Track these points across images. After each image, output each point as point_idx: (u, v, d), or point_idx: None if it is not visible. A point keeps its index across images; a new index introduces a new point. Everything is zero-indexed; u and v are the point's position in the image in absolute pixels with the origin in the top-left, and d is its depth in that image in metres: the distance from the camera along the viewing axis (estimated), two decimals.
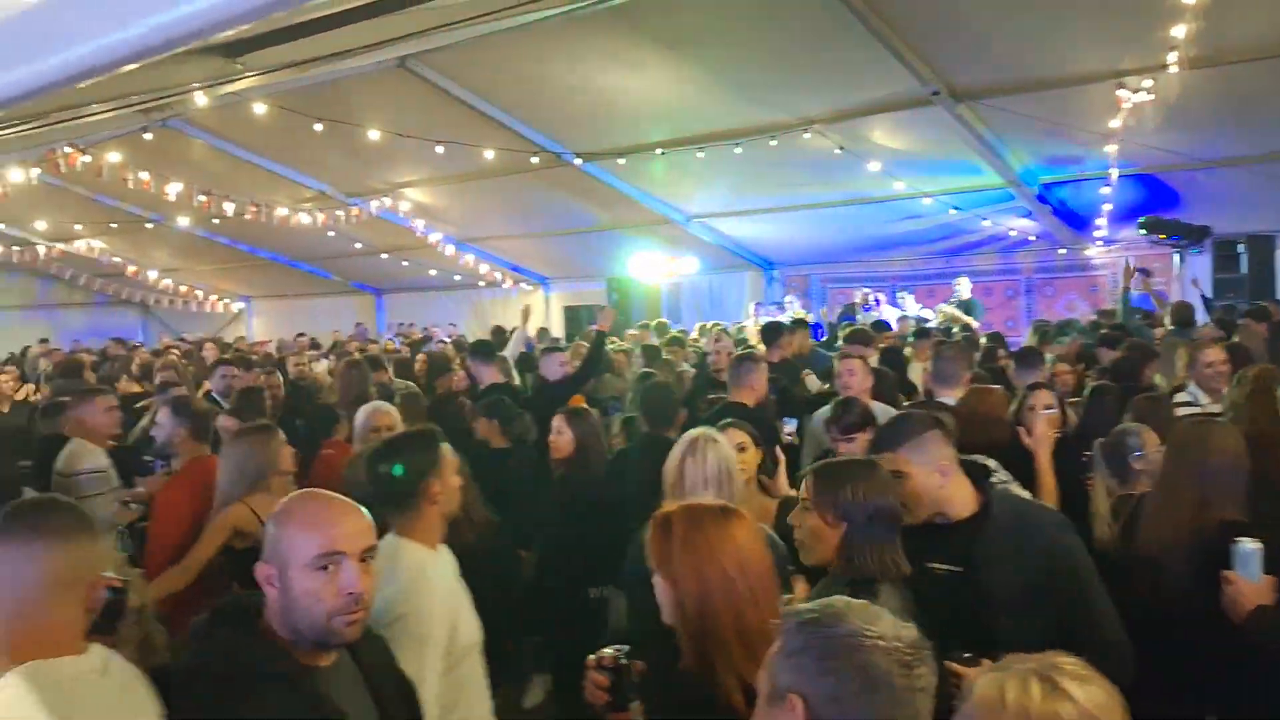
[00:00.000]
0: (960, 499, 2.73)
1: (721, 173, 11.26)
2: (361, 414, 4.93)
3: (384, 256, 16.69)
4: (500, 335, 12.26)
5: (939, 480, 2.70)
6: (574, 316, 16.24)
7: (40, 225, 15.79)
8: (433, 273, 17.19)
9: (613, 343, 9.44)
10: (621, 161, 11.28)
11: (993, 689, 1.26)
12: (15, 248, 16.44)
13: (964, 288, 12.23)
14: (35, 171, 10.64)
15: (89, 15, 1.52)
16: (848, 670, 1.42)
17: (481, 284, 17.20)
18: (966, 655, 2.18)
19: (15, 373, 10.04)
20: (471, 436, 5.51)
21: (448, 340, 13.63)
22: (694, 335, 11.41)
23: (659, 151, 10.73)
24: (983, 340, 8.80)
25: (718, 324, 11.75)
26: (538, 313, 16.94)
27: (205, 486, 3.87)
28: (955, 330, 10.52)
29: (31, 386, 9.78)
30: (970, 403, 4.55)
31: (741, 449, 3.59)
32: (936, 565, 2.62)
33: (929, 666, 1.46)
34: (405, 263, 16.87)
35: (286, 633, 1.95)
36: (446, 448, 2.85)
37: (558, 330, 15.62)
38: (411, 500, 2.73)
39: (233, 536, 3.65)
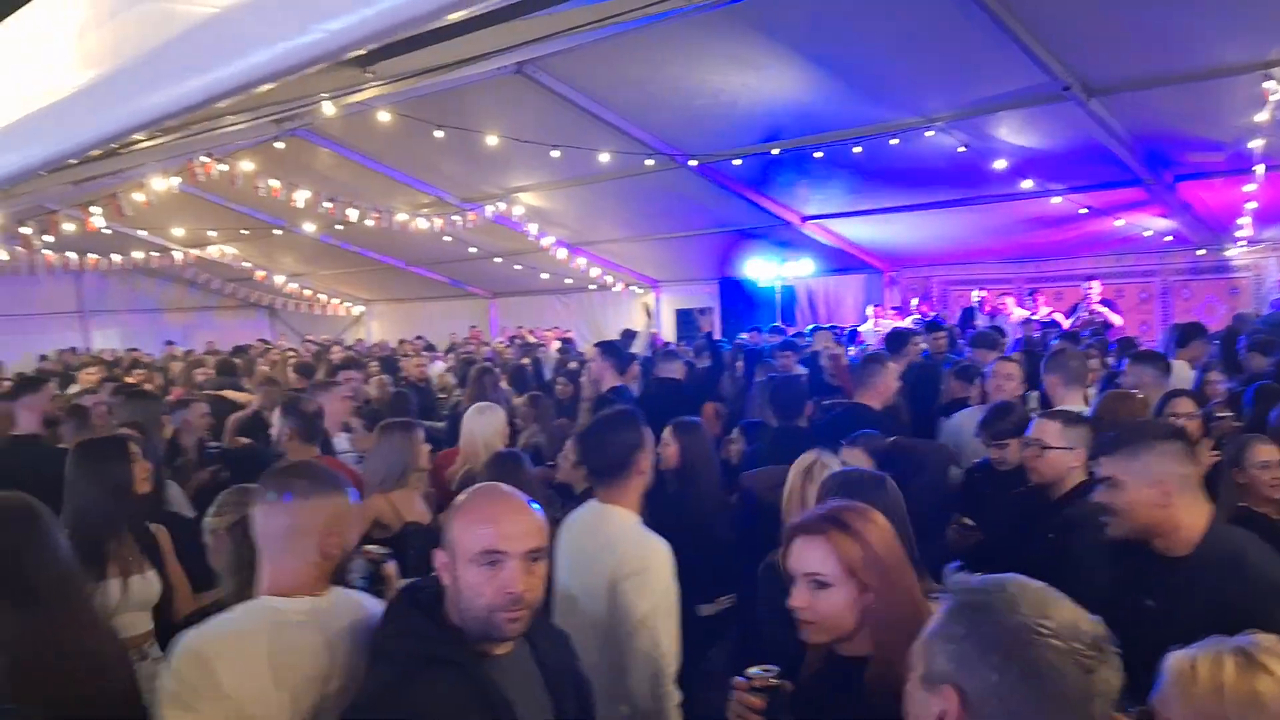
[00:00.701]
0: (1184, 526, 2.55)
1: (839, 173, 11.12)
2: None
3: (497, 261, 17.06)
4: (630, 338, 12.41)
5: (1155, 499, 2.54)
6: (686, 319, 16.30)
7: (178, 232, 16.70)
8: (545, 276, 17.49)
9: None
10: (737, 163, 11.26)
11: (1185, 664, 1.20)
12: (154, 253, 17.44)
13: (1095, 291, 11.78)
14: (175, 180, 11.27)
15: (268, 22, 1.61)
16: (1015, 666, 1.30)
17: (593, 287, 17.42)
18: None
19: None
20: None
21: (564, 344, 13.86)
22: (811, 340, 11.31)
23: (775, 152, 10.67)
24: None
25: (829, 329, 11.63)
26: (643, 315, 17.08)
27: None
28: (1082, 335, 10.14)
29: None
30: (1108, 409, 4.38)
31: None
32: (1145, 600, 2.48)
33: (1111, 668, 1.32)
34: (518, 266, 17.21)
35: (458, 620, 2.03)
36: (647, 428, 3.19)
37: (669, 333, 15.69)
38: (623, 472, 3.08)
39: (372, 527, 3.80)
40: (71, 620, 2.56)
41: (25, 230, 12.29)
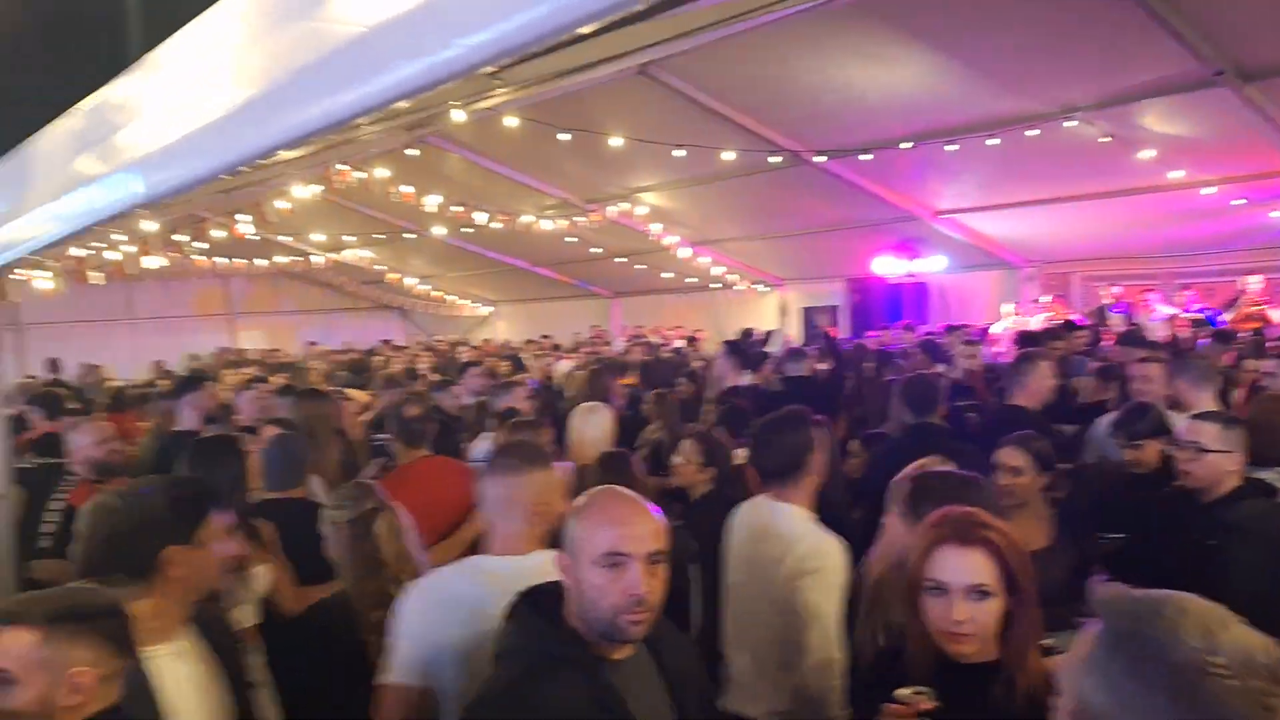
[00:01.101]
0: None
1: (973, 166, 10.79)
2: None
3: (619, 260, 17.22)
4: (748, 337, 12.38)
5: None
6: (812, 318, 16.11)
7: (317, 237, 17.51)
8: (666, 275, 17.57)
9: None
10: (865, 158, 11.07)
11: None
12: (295, 258, 18.34)
13: (1254, 286, 11.10)
14: (316, 188, 11.84)
15: (412, 39, 1.69)
16: (1184, 707, 1.15)
17: (715, 286, 17.40)
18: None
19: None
20: None
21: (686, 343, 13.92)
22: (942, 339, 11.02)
23: (905, 146, 10.44)
24: None
25: (960, 328, 11.30)
26: (771, 315, 16.97)
27: (404, 486, 3.99)
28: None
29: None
30: (1263, 411, 4.16)
31: (1016, 472, 3.48)
32: None
33: None
34: (640, 266, 17.33)
35: (579, 622, 2.05)
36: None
37: (795, 332, 15.53)
38: (797, 471, 3.20)
39: None
40: None
41: (179, 238, 13.12)
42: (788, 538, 3.14)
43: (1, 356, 4.61)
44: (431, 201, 12.86)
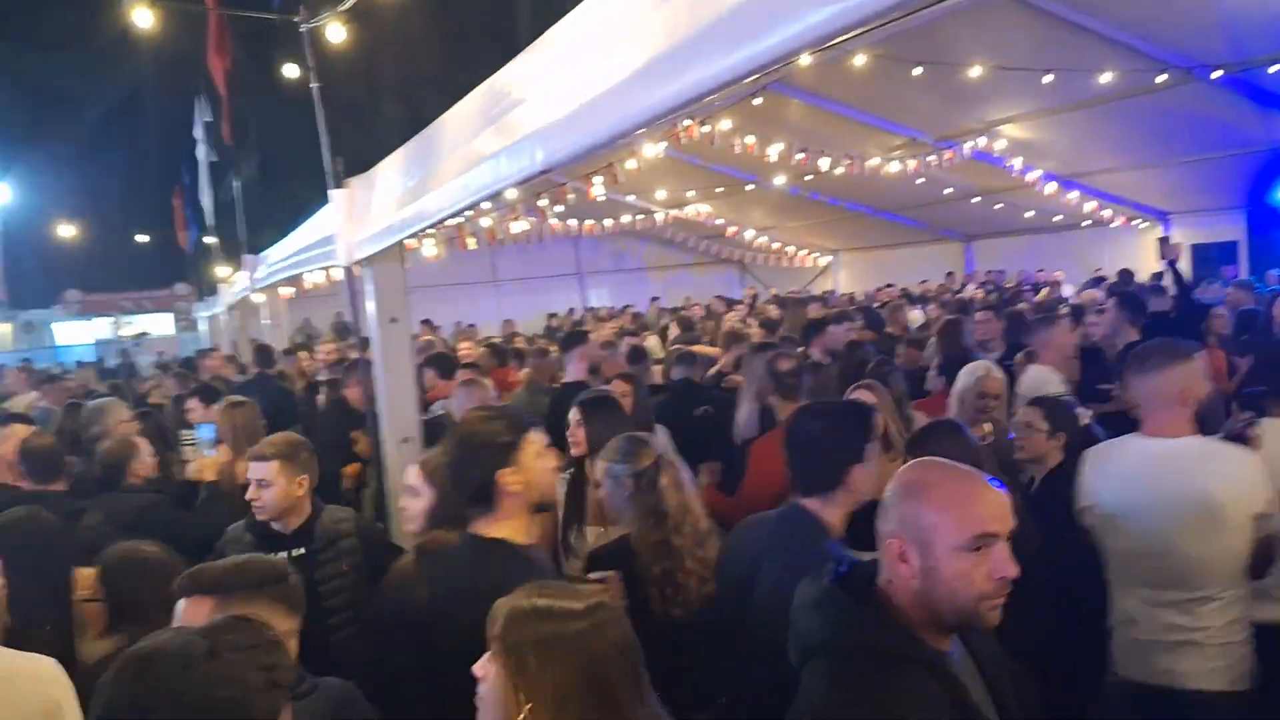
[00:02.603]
0: None
1: None
2: (967, 375, 4.92)
3: (974, 200, 16.40)
4: (1128, 279, 11.45)
5: None
6: (1204, 256, 14.46)
7: (659, 195, 18.26)
8: (1028, 214, 16.53)
9: None
10: (1275, 69, 9.65)
11: None
12: (639, 216, 19.26)
13: None
14: (662, 145, 12.32)
15: None
16: None
17: (1085, 224, 16.08)
18: None
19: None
20: None
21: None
22: None
23: None
24: None
25: None
26: (1152, 254, 15.39)
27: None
28: None
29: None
30: None
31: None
32: None
33: None
34: (998, 205, 16.41)
35: (915, 611, 1.92)
36: None
37: (1185, 271, 13.96)
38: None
39: None
40: None
41: (541, 203, 14.25)
42: (1237, 477, 3.16)
43: (409, 317, 5.24)
44: (773, 151, 12.94)
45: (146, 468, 4.97)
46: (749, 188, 17.00)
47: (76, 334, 28.57)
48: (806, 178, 15.26)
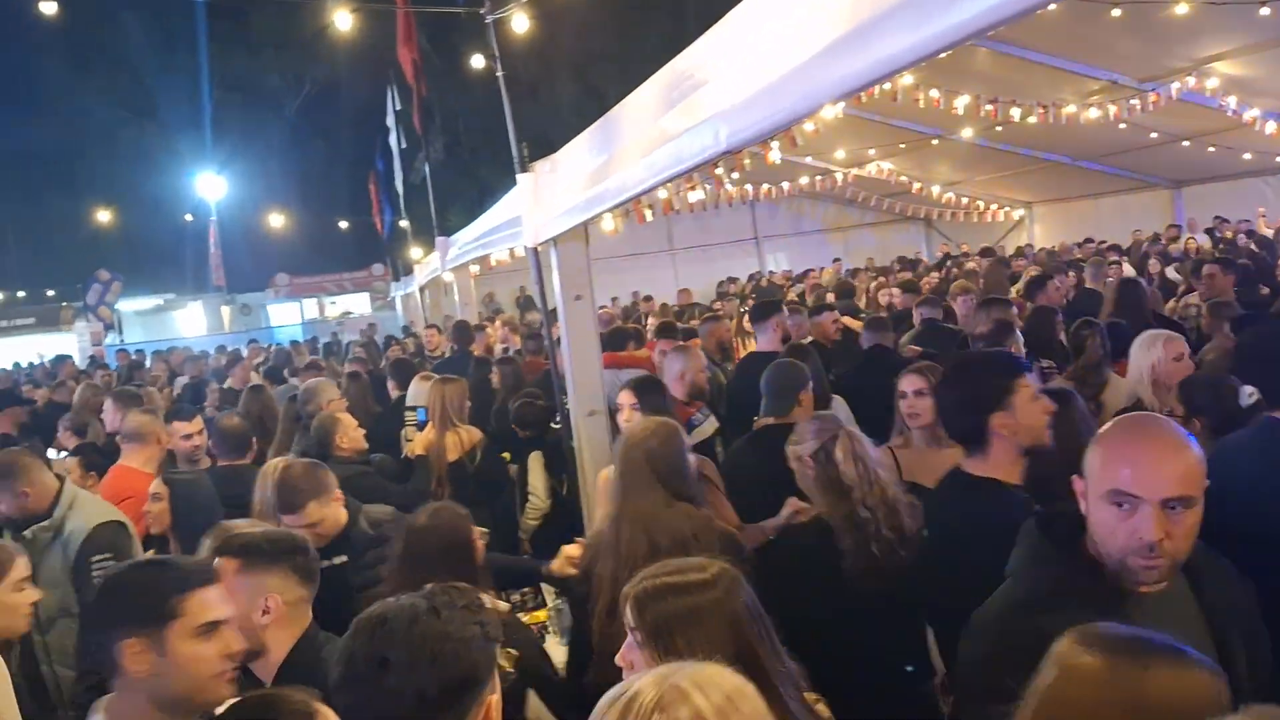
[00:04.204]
0: None
1: None
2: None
3: (1184, 144, 15.29)
4: None
5: None
6: None
7: (839, 154, 17.92)
8: (1246, 156, 15.27)
9: None
10: None
11: None
12: (818, 177, 18.97)
13: None
14: (841, 105, 12.07)
15: None
16: None
17: None
18: None
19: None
20: None
21: None
22: None
23: None
24: None
25: None
26: None
27: None
28: None
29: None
30: None
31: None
32: None
33: None
34: (1211, 149, 15.24)
35: (1091, 548, 2.00)
36: None
37: None
38: None
39: None
40: None
41: (718, 170, 14.27)
42: None
43: (593, 294, 5.42)
44: (959, 103, 12.46)
45: (353, 441, 5.33)
46: (934, 142, 16.44)
47: (287, 315, 30.76)
48: (996, 129, 14.62)
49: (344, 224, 32.64)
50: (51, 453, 6.78)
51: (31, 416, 9.39)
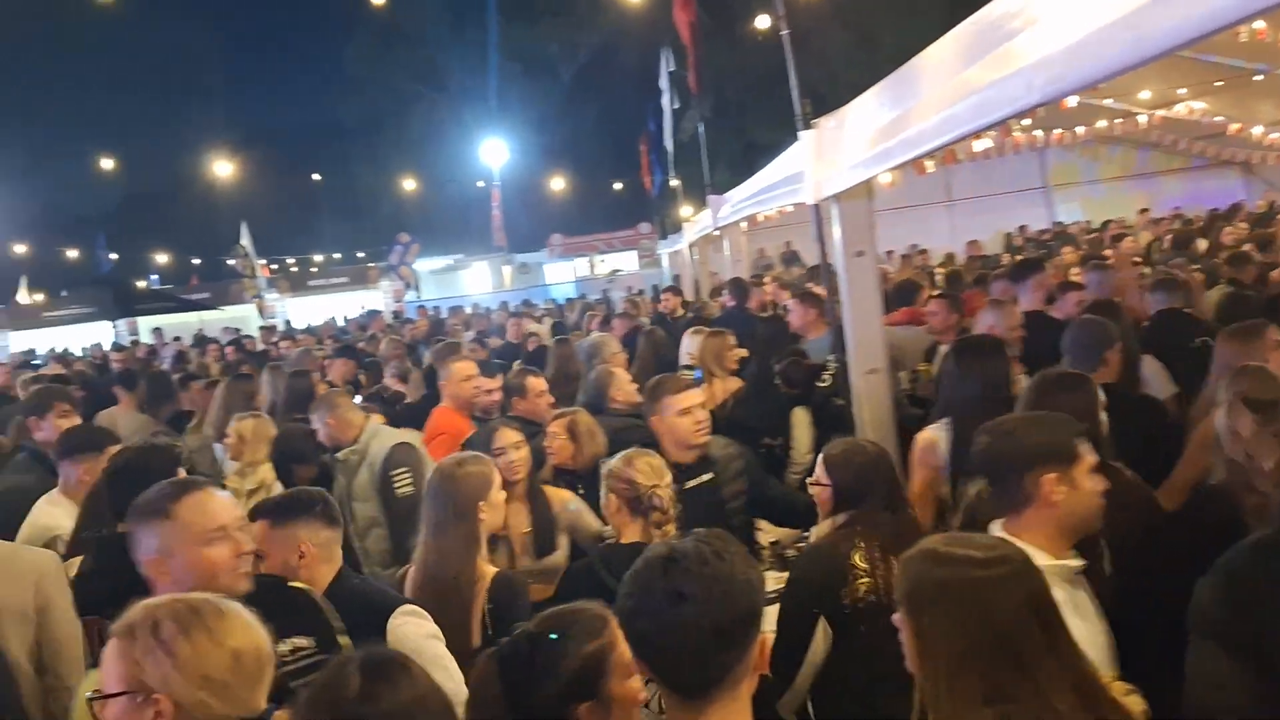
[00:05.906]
0: None
1: None
2: None
3: None
4: None
5: None
6: None
7: (1143, 95, 16.44)
8: None
9: None
10: None
11: None
12: (1117, 120, 17.52)
13: None
14: None
15: None
16: None
17: None
18: None
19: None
20: None
21: None
22: None
23: None
24: None
25: None
26: None
27: None
28: None
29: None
30: None
31: None
32: None
33: None
34: None
35: None
36: None
37: None
38: None
39: None
40: None
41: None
42: None
43: (875, 250, 5.37)
44: None
45: (626, 394, 5.59)
46: (1257, 78, 14.72)
47: (561, 274, 32.31)
48: None
49: (618, 185, 33.64)
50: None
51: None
